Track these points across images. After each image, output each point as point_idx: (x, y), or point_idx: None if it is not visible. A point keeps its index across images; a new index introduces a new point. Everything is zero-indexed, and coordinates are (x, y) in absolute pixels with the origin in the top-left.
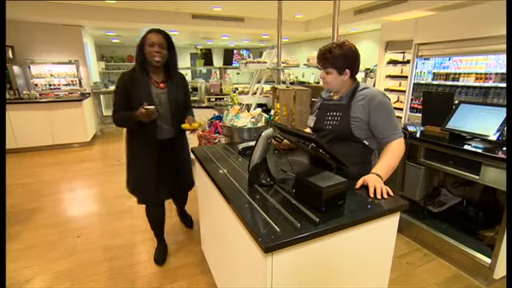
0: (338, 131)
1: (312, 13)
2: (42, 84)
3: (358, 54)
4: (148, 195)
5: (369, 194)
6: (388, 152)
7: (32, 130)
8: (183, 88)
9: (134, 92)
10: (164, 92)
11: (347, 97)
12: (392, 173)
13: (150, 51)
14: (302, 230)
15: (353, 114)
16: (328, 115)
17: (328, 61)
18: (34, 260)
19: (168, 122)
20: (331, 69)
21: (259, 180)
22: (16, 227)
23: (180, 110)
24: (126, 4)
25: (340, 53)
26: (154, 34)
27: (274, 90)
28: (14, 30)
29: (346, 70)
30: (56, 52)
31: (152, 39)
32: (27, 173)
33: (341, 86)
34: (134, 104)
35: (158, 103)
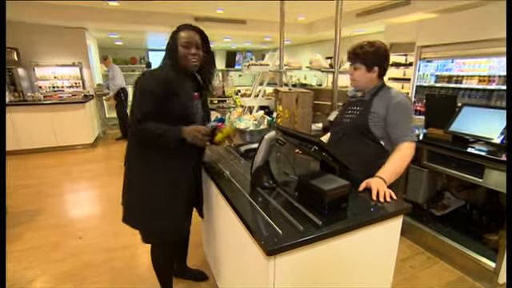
0: (354, 124)
1: (314, 15)
2: (46, 86)
3: (388, 53)
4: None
5: (372, 197)
6: (395, 154)
7: (35, 132)
8: (205, 96)
9: (175, 101)
10: (198, 103)
11: (370, 94)
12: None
13: (184, 54)
14: (305, 232)
15: (372, 109)
16: (349, 109)
17: (358, 56)
18: (36, 261)
19: None
20: (360, 64)
21: (262, 182)
22: (19, 228)
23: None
24: (129, 6)
25: (371, 49)
26: (187, 32)
27: (277, 92)
28: (18, 32)
29: (374, 68)
30: (60, 54)
31: (186, 38)
32: (30, 174)
33: (367, 83)
34: (171, 117)
35: (197, 115)
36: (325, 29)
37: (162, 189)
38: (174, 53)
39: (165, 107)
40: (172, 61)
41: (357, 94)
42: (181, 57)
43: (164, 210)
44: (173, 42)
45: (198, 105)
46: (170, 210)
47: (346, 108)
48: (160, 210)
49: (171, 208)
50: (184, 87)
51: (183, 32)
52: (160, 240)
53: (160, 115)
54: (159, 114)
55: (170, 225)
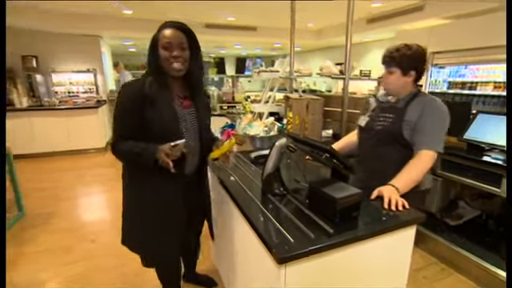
0: (387, 132)
1: (324, 22)
2: (61, 91)
3: (426, 57)
4: (167, 251)
5: (383, 206)
6: (411, 162)
7: (51, 136)
8: (207, 104)
9: (150, 113)
10: (190, 112)
11: (404, 101)
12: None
13: (165, 56)
14: (316, 241)
15: (407, 117)
16: (380, 116)
17: (394, 59)
18: (49, 263)
19: (195, 152)
20: (395, 68)
21: (272, 189)
22: (34, 230)
23: (209, 136)
24: (143, 14)
25: (408, 52)
26: (169, 30)
27: (287, 98)
28: (38, 40)
29: (411, 72)
30: (76, 61)
31: (167, 38)
32: (45, 177)
33: (401, 88)
34: (151, 131)
35: (185, 129)
36: (334, 35)
37: (143, 209)
38: (155, 56)
39: (143, 121)
40: (152, 65)
41: (389, 98)
42: (162, 60)
43: (154, 234)
44: (153, 44)
45: (186, 115)
46: (160, 234)
47: (377, 114)
48: (150, 233)
49: (160, 232)
50: (161, 95)
51: (165, 31)
52: (151, 263)
53: (140, 130)
54: (139, 130)
55: (163, 251)
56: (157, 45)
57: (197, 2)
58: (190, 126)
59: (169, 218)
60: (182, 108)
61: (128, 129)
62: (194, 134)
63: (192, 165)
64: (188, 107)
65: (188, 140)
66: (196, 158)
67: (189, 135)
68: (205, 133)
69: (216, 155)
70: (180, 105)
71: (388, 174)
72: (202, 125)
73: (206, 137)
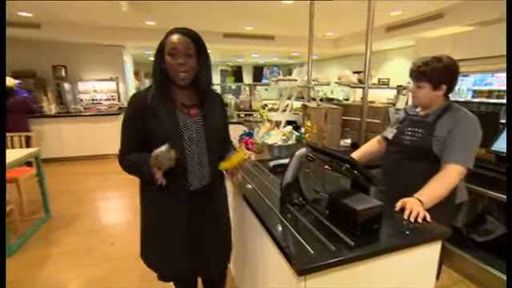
0: (416, 147)
1: (342, 31)
2: (86, 99)
3: (458, 70)
4: (175, 268)
5: (405, 217)
6: (438, 176)
7: (76, 141)
8: (222, 113)
9: (151, 123)
10: (197, 121)
11: (435, 115)
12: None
13: (170, 63)
14: (337, 253)
15: (437, 133)
16: (409, 130)
17: (423, 74)
18: (72, 264)
19: (203, 164)
20: (425, 82)
21: (291, 199)
22: (59, 232)
23: (219, 146)
24: (164, 25)
25: (438, 66)
26: (176, 36)
27: (305, 107)
28: (67, 51)
29: (442, 86)
30: (100, 70)
31: (173, 44)
32: (71, 180)
33: (432, 102)
34: (153, 142)
35: (189, 138)
36: (352, 44)
37: (149, 223)
38: (160, 63)
39: (147, 132)
40: (157, 72)
41: (417, 110)
42: (168, 67)
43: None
44: (159, 50)
45: (191, 124)
46: (168, 250)
47: (405, 127)
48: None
49: (169, 249)
50: (163, 104)
51: (171, 37)
52: (167, 279)
53: (145, 142)
54: (141, 143)
55: (171, 268)
56: (163, 51)
57: (216, 12)
58: (195, 135)
59: (172, 234)
60: (189, 116)
61: (133, 140)
62: (199, 143)
63: (199, 177)
64: (195, 116)
65: (190, 147)
66: (205, 169)
67: (193, 144)
68: (213, 142)
69: (224, 167)
70: (186, 113)
71: (415, 188)
72: (210, 134)
73: (216, 146)
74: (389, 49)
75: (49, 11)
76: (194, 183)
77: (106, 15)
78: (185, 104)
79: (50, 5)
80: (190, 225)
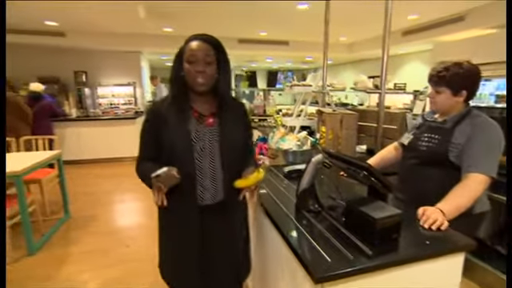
0: (432, 153)
1: (356, 35)
2: (104, 103)
3: (480, 76)
4: (188, 285)
5: (427, 228)
6: (460, 186)
7: (95, 144)
8: (242, 123)
9: (163, 132)
10: (211, 130)
11: (453, 121)
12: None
13: (189, 70)
14: (355, 262)
15: (454, 140)
16: (425, 136)
17: (442, 79)
18: (89, 265)
19: (216, 178)
20: (444, 88)
21: (307, 206)
22: (78, 232)
23: (236, 159)
24: (181, 31)
25: (459, 71)
26: (195, 43)
27: (320, 113)
28: (88, 57)
29: (462, 91)
30: (118, 75)
31: (192, 50)
32: (90, 182)
33: (451, 108)
34: (165, 151)
35: (201, 149)
36: (367, 48)
37: (168, 237)
38: (178, 69)
39: (160, 141)
40: (174, 79)
41: (435, 116)
42: (186, 74)
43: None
44: (178, 57)
45: (205, 133)
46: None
47: (422, 132)
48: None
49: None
50: (175, 112)
51: (191, 43)
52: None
53: (160, 151)
54: (159, 150)
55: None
56: (182, 58)
57: (231, 18)
58: (208, 146)
59: (183, 250)
60: (204, 126)
61: (147, 149)
62: (212, 155)
63: (212, 193)
64: (211, 125)
65: (202, 162)
66: (218, 184)
67: (205, 157)
68: (229, 154)
69: (239, 185)
70: (201, 123)
71: (432, 195)
72: (226, 145)
73: (232, 160)
74: (405, 53)
75: (73, 20)
76: (206, 198)
77: (125, 22)
78: (201, 113)
79: (74, 14)
80: (201, 242)
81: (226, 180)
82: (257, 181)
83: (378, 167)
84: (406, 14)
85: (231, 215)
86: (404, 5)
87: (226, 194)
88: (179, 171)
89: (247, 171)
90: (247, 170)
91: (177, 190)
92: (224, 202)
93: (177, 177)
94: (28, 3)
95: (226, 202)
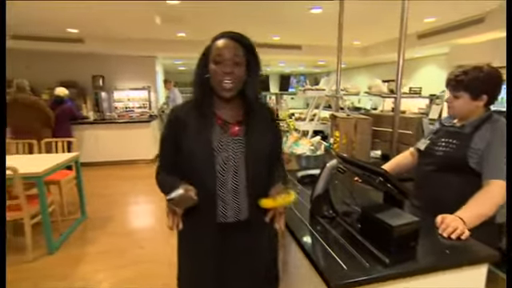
0: (449, 158)
1: (369, 39)
2: (120, 107)
3: (500, 78)
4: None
5: (446, 237)
6: (481, 194)
7: (111, 146)
8: (272, 132)
9: (184, 140)
10: (236, 140)
11: (472, 126)
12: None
13: (215, 71)
14: (372, 270)
15: (473, 145)
16: (443, 141)
17: (461, 83)
18: (105, 264)
19: (239, 193)
20: (463, 92)
21: (322, 211)
22: (95, 232)
23: (263, 173)
24: (194, 36)
25: (479, 75)
26: (223, 41)
27: (334, 117)
28: (105, 62)
29: (482, 96)
30: (134, 79)
31: (219, 49)
32: (106, 184)
33: (470, 113)
34: (186, 161)
35: (224, 161)
36: (381, 52)
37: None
38: (203, 71)
39: (179, 149)
40: (198, 82)
41: (453, 121)
42: (211, 76)
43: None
44: (204, 57)
45: (229, 143)
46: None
47: (439, 137)
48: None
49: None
50: (196, 119)
51: (218, 42)
52: None
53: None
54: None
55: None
56: (207, 58)
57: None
58: (232, 158)
59: (199, 268)
60: (229, 135)
61: (167, 156)
62: (236, 168)
63: (235, 210)
64: (236, 134)
65: (225, 176)
66: (242, 201)
67: (228, 170)
68: (255, 167)
69: (265, 205)
70: (225, 131)
71: (449, 202)
72: (251, 156)
73: (258, 173)
74: (420, 56)
75: (92, 27)
76: (228, 215)
77: (142, 28)
78: (226, 120)
79: (94, 21)
80: (219, 263)
81: (250, 196)
82: (285, 203)
83: (393, 173)
84: (421, 17)
85: (256, 235)
86: (420, 8)
87: (251, 211)
88: (198, 186)
89: (275, 189)
90: (275, 188)
91: (195, 207)
92: (248, 221)
93: (194, 198)
94: (53, 12)
95: (251, 220)
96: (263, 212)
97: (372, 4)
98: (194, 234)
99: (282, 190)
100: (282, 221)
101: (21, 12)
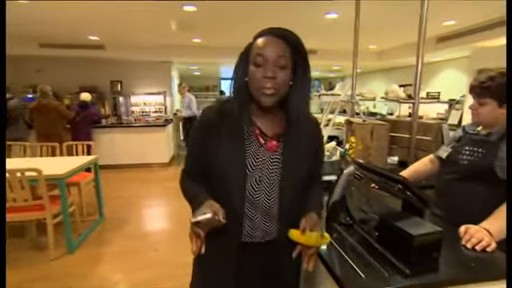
0: (475, 167)
1: (386, 43)
2: (136, 111)
3: None
4: None
5: (471, 248)
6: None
7: (127, 150)
8: (314, 148)
9: (214, 148)
10: (273, 157)
11: (499, 134)
12: None
13: (253, 75)
14: (392, 280)
15: (501, 154)
16: (467, 149)
17: (487, 89)
18: (121, 265)
19: (271, 215)
20: (489, 99)
21: (338, 218)
22: (111, 234)
23: (299, 197)
24: (209, 42)
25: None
26: (266, 40)
27: (350, 123)
28: (123, 67)
29: None
30: (150, 84)
31: (260, 49)
32: (122, 186)
33: (496, 120)
34: (212, 174)
35: (257, 181)
36: (397, 56)
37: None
38: (241, 74)
39: (207, 158)
40: (236, 87)
41: (478, 129)
42: (250, 81)
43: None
44: (244, 56)
45: (265, 161)
46: None
47: (462, 145)
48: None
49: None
50: (229, 129)
51: (259, 40)
52: None
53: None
54: (202, 166)
55: None
56: (247, 58)
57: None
58: (266, 177)
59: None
60: (265, 150)
61: (194, 162)
62: (269, 187)
63: (263, 231)
64: (273, 150)
65: (256, 196)
66: (272, 224)
67: (261, 190)
68: (291, 189)
69: (295, 238)
70: (261, 145)
71: (474, 212)
72: (288, 178)
73: (294, 195)
74: (439, 60)
75: (113, 34)
76: (254, 235)
77: (158, 35)
78: (264, 133)
79: (114, 29)
80: (237, 283)
81: (282, 221)
82: (317, 245)
83: (412, 180)
84: (441, 20)
85: (281, 255)
86: (439, 11)
87: (280, 233)
88: (224, 202)
89: (308, 220)
90: (308, 218)
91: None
92: (274, 240)
93: (222, 221)
94: (76, 20)
95: (277, 240)
96: None
97: (389, 8)
98: (213, 252)
99: (315, 225)
100: (313, 263)
101: (47, 23)
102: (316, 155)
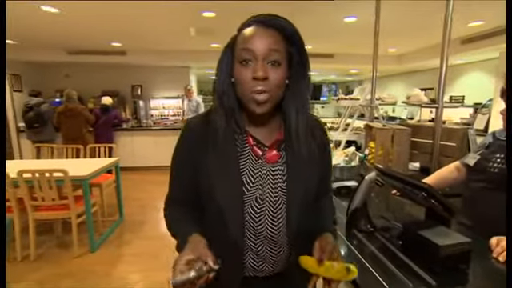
0: (506, 176)
1: (406, 47)
2: (156, 115)
3: None
4: None
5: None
6: None
7: (146, 152)
8: (321, 153)
9: (202, 166)
10: (275, 170)
11: None
12: None
13: (239, 74)
14: None
15: None
16: (497, 157)
17: None
18: (140, 266)
19: (278, 243)
20: None
21: (359, 225)
22: (130, 235)
23: (309, 214)
24: None
25: None
26: (253, 30)
27: (369, 128)
28: (143, 72)
29: None
30: (169, 88)
31: (246, 42)
32: (141, 188)
33: None
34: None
35: (257, 200)
36: (418, 59)
37: None
38: (225, 74)
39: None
40: (220, 91)
41: None
42: (236, 82)
43: None
44: (228, 49)
45: (266, 175)
46: None
47: (492, 153)
48: None
49: None
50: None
51: (245, 31)
52: None
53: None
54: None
55: None
56: (232, 53)
57: None
58: (269, 195)
59: None
60: (263, 162)
61: (181, 187)
62: (272, 207)
63: (270, 262)
64: (273, 161)
65: (259, 220)
66: (281, 253)
67: (262, 210)
68: (298, 207)
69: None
70: (258, 157)
71: (504, 223)
72: (294, 192)
73: (303, 214)
74: (463, 63)
75: (134, 40)
76: (261, 269)
77: (178, 40)
78: (260, 142)
79: (135, 35)
80: None
81: (292, 246)
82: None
83: (436, 187)
84: (466, 21)
85: None
86: (464, 12)
87: (291, 262)
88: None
89: (322, 243)
90: (323, 241)
91: None
92: (284, 273)
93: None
94: (100, 28)
95: (288, 272)
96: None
97: (409, 10)
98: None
99: (332, 251)
100: None
101: (74, 31)
102: (323, 160)
